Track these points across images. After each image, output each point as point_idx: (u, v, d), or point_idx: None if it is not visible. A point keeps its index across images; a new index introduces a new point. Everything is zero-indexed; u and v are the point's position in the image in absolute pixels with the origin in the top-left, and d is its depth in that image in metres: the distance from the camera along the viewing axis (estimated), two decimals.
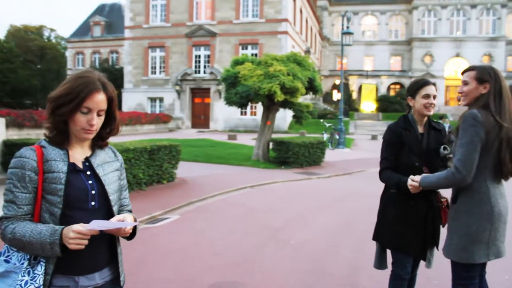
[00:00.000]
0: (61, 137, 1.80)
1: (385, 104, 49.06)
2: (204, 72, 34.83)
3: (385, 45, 55.96)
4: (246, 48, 33.57)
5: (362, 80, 53.86)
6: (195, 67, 35.05)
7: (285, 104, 15.12)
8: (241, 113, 33.75)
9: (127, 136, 24.76)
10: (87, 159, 1.86)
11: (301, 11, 38.79)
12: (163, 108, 35.69)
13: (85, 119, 1.76)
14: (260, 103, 15.15)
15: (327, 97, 50.26)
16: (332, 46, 57.29)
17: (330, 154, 17.92)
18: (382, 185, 8.43)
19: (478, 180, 2.71)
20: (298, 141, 14.47)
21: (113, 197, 1.87)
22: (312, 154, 14.81)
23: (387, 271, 3.37)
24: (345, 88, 48.30)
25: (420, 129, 3.17)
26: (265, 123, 15.22)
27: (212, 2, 34.05)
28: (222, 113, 34.01)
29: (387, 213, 3.20)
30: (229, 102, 14.80)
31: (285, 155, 14.31)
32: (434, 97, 3.16)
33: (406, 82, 52.77)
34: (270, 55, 15.38)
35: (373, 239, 3.32)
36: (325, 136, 22.23)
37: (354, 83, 52.77)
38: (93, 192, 1.79)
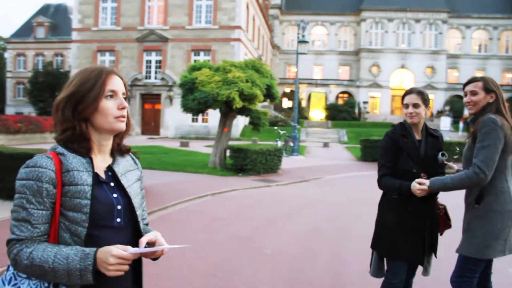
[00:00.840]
0: (83, 143, 1.54)
1: (334, 112, 50.06)
2: (155, 78, 34.18)
3: (334, 55, 57.28)
4: (199, 55, 33.27)
5: (311, 89, 54.75)
6: (146, 72, 34.32)
7: (243, 111, 14.99)
8: (193, 120, 33.38)
9: None
10: (109, 168, 1.61)
11: (253, 19, 38.97)
12: None
13: (114, 104, 1.55)
14: (213, 110, 14.94)
15: (278, 105, 50.69)
16: (283, 55, 58.00)
17: (285, 162, 17.96)
18: (342, 192, 8.52)
19: (501, 180, 2.89)
20: (255, 148, 14.40)
21: (139, 212, 1.63)
22: (269, 161, 14.78)
23: (373, 279, 3.32)
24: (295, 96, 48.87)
25: (417, 136, 3.16)
26: (222, 130, 15.04)
27: (164, 7, 33.53)
28: (173, 119, 33.49)
29: (385, 221, 3.17)
30: (186, 108, 14.50)
31: (243, 163, 14.18)
32: (415, 105, 3.11)
33: (354, 91, 54.26)
34: (228, 61, 15.25)
35: (371, 247, 3.26)
36: (279, 143, 22.31)
37: (303, 91, 53.54)
38: (119, 207, 1.55)
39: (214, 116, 24.84)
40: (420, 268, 3.24)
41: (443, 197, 3.13)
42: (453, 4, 54.43)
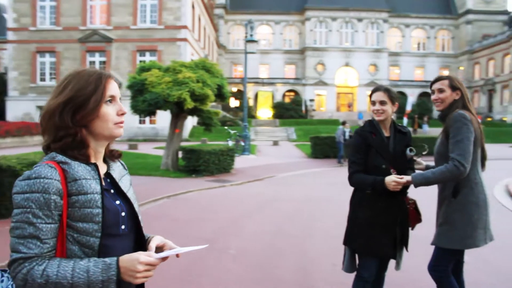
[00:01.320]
0: (83, 150, 1.47)
1: (281, 110, 50.63)
2: None
3: (279, 54, 57.93)
4: (144, 55, 32.60)
5: (258, 88, 55.09)
6: None
7: (194, 112, 14.84)
8: (140, 122, 32.69)
9: (16, 148, 22.76)
10: (107, 174, 1.56)
11: (199, 19, 38.66)
12: None
13: (113, 109, 1.50)
14: (164, 111, 14.66)
15: (225, 105, 50.59)
16: (228, 54, 57.98)
17: (237, 161, 17.94)
18: (297, 190, 8.62)
19: (473, 173, 3.03)
20: (208, 149, 14.31)
21: (140, 217, 1.59)
22: (222, 161, 14.72)
23: (342, 274, 3.37)
24: (243, 96, 49.02)
25: (386, 133, 3.23)
26: (173, 131, 14.83)
27: (107, 6, 32.55)
28: None
29: (357, 218, 3.21)
30: (136, 110, 14.15)
31: (196, 164, 14.05)
32: (381, 102, 3.17)
33: (300, 89, 55.09)
34: (178, 61, 15.04)
35: (344, 243, 3.31)
36: (230, 143, 22.26)
37: (250, 90, 53.74)
38: (123, 213, 1.51)
39: (162, 117, 24.42)
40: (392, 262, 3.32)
41: (415, 191, 3.23)
42: (393, 4, 56.55)
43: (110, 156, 1.61)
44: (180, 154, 14.93)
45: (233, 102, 54.76)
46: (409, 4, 57.77)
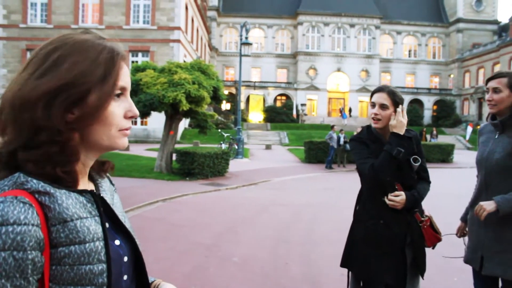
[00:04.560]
0: (73, 166, 0.92)
1: (272, 114, 50.52)
2: None
3: (271, 58, 57.92)
4: (137, 55, 32.28)
5: (249, 91, 54.94)
6: None
7: (189, 114, 14.65)
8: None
9: None
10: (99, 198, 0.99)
11: (192, 20, 38.44)
12: None
13: (121, 109, 0.96)
14: (159, 113, 14.42)
15: (216, 107, 50.38)
16: (220, 57, 57.82)
17: (231, 165, 17.77)
18: (294, 195, 8.49)
19: None
20: (203, 152, 14.13)
21: (143, 256, 1.07)
22: (216, 164, 14.55)
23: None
24: (234, 99, 48.92)
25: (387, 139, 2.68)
26: (168, 133, 14.61)
27: (100, 5, 32.19)
28: None
29: (355, 235, 2.75)
30: None
31: (190, 166, 13.85)
32: (382, 106, 2.60)
33: (292, 93, 55.07)
34: (174, 62, 14.85)
35: (341, 265, 2.82)
36: (223, 146, 22.05)
37: (241, 93, 53.53)
38: (126, 258, 1.00)
39: (153, 118, 24.14)
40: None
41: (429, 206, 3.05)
42: (384, 11, 56.91)
43: (99, 170, 1.07)
44: (174, 157, 14.72)
45: (224, 105, 54.58)
46: (401, 11, 58.25)
